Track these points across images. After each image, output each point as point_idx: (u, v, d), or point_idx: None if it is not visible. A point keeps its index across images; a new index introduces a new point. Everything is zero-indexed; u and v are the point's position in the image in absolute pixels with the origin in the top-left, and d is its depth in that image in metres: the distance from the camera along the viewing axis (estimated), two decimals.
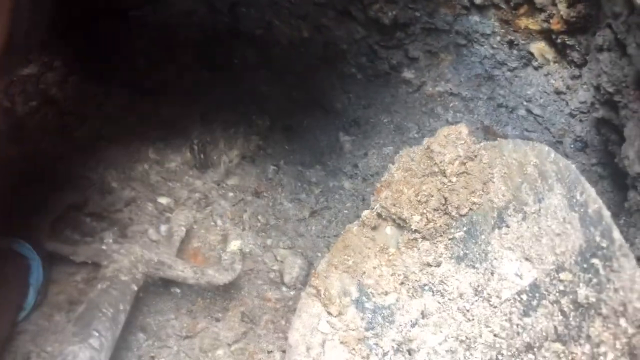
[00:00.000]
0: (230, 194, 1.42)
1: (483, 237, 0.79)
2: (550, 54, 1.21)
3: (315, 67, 1.61)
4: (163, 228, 1.23)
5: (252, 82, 1.66)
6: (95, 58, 1.53)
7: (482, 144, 0.86)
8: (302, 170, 1.53)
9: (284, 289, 1.20)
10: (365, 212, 0.88)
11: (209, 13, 1.67)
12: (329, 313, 0.82)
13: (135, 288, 0.89)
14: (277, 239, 1.34)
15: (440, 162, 0.82)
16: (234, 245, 1.08)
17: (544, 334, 0.68)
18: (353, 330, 0.80)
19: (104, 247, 0.94)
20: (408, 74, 1.49)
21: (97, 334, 0.81)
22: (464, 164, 0.82)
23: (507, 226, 0.78)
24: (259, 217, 1.39)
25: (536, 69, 1.26)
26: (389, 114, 1.55)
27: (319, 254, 1.29)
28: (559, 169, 0.74)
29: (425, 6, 1.33)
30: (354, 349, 0.81)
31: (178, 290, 1.13)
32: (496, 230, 0.79)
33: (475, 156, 0.82)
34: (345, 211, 1.39)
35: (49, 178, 1.25)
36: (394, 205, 0.83)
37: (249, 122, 1.61)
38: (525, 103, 1.31)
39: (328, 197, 1.45)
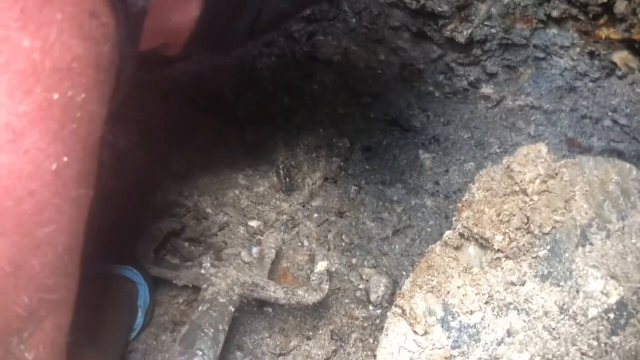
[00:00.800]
0: (315, 215, 1.48)
1: (567, 255, 0.80)
2: (634, 62, 1.19)
3: (392, 88, 1.65)
4: (254, 250, 1.31)
5: (330, 106, 1.73)
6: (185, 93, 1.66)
7: (562, 162, 0.86)
8: (383, 189, 1.57)
9: (370, 307, 1.25)
10: (448, 233, 0.91)
11: (288, 42, 1.76)
12: (415, 332, 0.85)
13: (232, 309, 0.96)
14: (362, 258, 1.39)
15: (521, 181, 0.83)
16: (321, 265, 1.14)
17: (633, 353, 0.68)
18: (439, 348, 0.83)
19: (202, 271, 1.02)
20: (487, 90, 1.50)
21: (200, 353, 0.89)
22: (545, 182, 0.83)
23: (591, 244, 0.78)
24: (343, 237, 1.44)
25: (620, 78, 1.24)
26: (468, 130, 1.56)
27: (404, 273, 1.33)
28: None
29: (501, 23, 1.34)
30: None
31: (270, 310, 1.21)
32: (580, 248, 0.79)
33: (556, 174, 0.83)
34: (429, 229, 1.42)
35: (149, 207, 1.37)
36: (476, 225, 0.86)
37: (329, 144, 1.67)
38: (610, 113, 1.28)
39: (410, 216, 1.48)
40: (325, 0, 1.60)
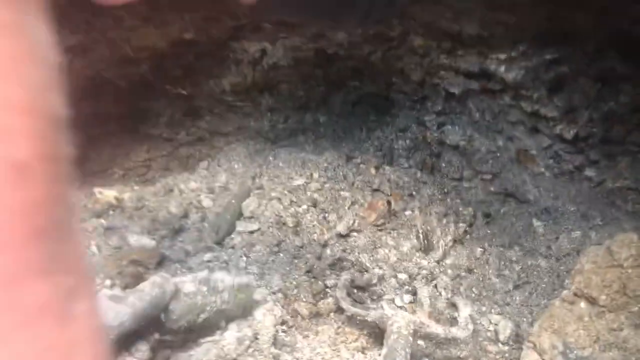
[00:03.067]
0: (449, 271, 1.92)
1: None
2: None
3: (509, 168, 2.08)
4: (405, 298, 1.76)
5: (457, 181, 2.18)
6: None
7: None
8: (503, 251, 1.98)
9: (499, 344, 1.66)
10: (565, 292, 1.32)
11: (420, 129, 2.24)
12: None
13: (411, 339, 1.41)
14: (490, 307, 1.80)
15: (618, 259, 1.23)
16: (466, 311, 1.57)
17: None
18: None
19: (385, 312, 1.49)
20: (589, 173, 1.90)
21: None
22: (637, 259, 1.22)
23: None
24: (473, 289, 1.86)
25: None
26: (575, 204, 1.95)
27: (524, 319, 1.73)
28: None
29: (601, 124, 1.75)
30: None
31: (423, 343, 1.65)
32: None
33: None
34: (543, 285, 1.81)
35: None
36: (586, 287, 1.26)
37: (456, 212, 2.11)
38: None
39: (528, 274, 1.88)
40: None
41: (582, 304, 1.28)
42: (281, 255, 1.91)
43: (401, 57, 1.90)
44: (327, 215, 2.07)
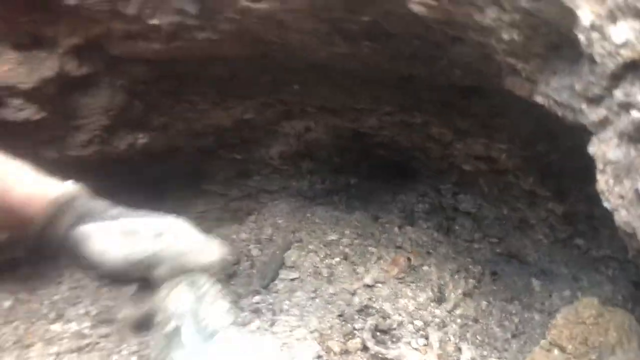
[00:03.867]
0: (458, 320, 2.29)
1: (605, 358, 1.54)
2: None
3: (512, 234, 2.46)
4: (420, 341, 2.14)
5: (469, 242, 2.57)
6: None
7: (609, 307, 1.63)
8: (505, 305, 2.35)
9: None
10: (543, 341, 1.69)
11: (436, 194, 2.65)
12: None
13: None
14: (490, 352, 2.16)
15: (582, 317, 1.61)
16: (468, 354, 1.94)
17: None
18: None
19: (402, 352, 1.87)
20: (579, 241, 2.27)
21: None
22: (596, 318, 1.59)
23: (616, 355, 1.52)
24: (478, 336, 2.23)
25: None
26: (567, 267, 2.32)
27: None
28: None
29: (586, 203, 2.13)
30: None
31: None
32: (611, 357, 1.53)
33: (602, 314, 1.59)
34: (536, 336, 2.17)
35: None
36: (559, 339, 1.64)
37: (466, 269, 2.49)
38: None
39: (524, 325, 2.24)
40: None
41: (556, 352, 1.65)
42: (317, 300, 2.31)
43: (422, 139, 2.33)
44: (356, 267, 2.47)
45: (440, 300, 2.37)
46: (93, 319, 2.14)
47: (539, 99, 1.25)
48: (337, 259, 2.52)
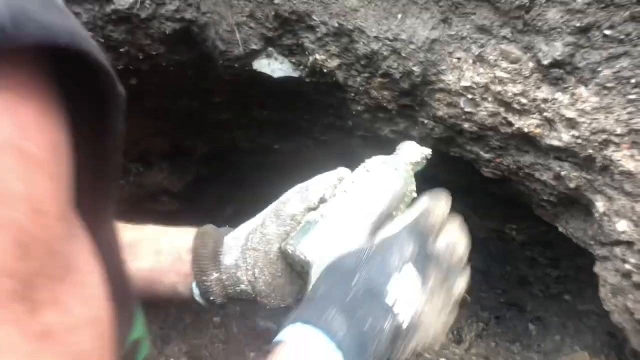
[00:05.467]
0: (473, 358, 2.93)
1: None
2: None
3: (514, 287, 3.12)
4: None
5: (478, 293, 3.22)
6: None
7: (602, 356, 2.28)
8: (509, 345, 3.01)
9: None
10: None
11: None
12: None
13: None
14: None
15: None
16: None
17: None
18: None
19: None
20: (567, 297, 2.94)
21: None
22: None
23: None
24: None
25: None
26: (557, 317, 2.99)
27: None
28: None
29: (574, 269, 2.80)
30: None
31: None
32: None
33: None
34: None
35: None
36: None
37: (477, 315, 3.14)
38: None
39: None
40: None
41: None
42: None
43: None
44: None
45: (458, 341, 3.01)
46: None
47: (560, 229, 1.89)
48: None
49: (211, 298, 0.98)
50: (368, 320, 0.78)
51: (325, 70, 1.65)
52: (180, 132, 2.09)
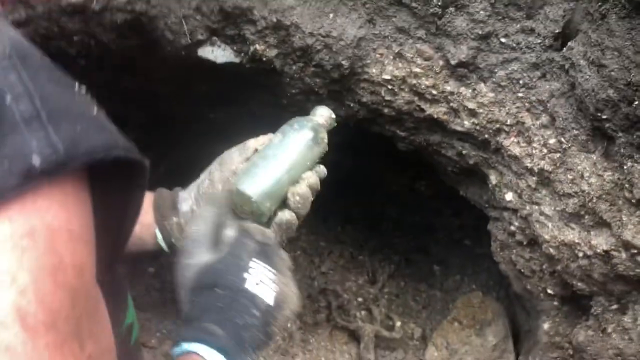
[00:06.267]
0: (386, 295, 3.34)
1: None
2: None
3: (420, 234, 3.53)
4: (364, 313, 3.17)
5: (389, 238, 3.61)
6: None
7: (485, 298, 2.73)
8: (416, 285, 3.43)
9: (414, 341, 3.10)
10: (448, 317, 2.77)
11: (370, 205, 3.64)
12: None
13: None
14: (408, 318, 3.24)
15: (472, 303, 2.70)
16: (396, 323, 2.99)
17: None
18: None
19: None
20: (467, 242, 3.38)
21: None
22: (480, 304, 2.69)
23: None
24: (400, 308, 3.30)
25: None
26: (459, 260, 3.43)
27: (429, 328, 3.19)
28: None
29: (474, 219, 3.23)
30: None
31: None
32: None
33: (483, 302, 2.69)
34: (439, 307, 3.27)
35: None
36: (457, 316, 2.72)
37: (390, 260, 3.54)
38: None
39: (430, 300, 3.34)
40: None
41: (456, 324, 2.74)
42: None
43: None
44: (313, 259, 3.43)
45: (373, 282, 3.40)
46: None
47: (461, 192, 2.24)
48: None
49: (172, 240, 1.18)
50: (239, 315, 0.93)
51: (264, 59, 1.85)
52: (120, 104, 2.23)
